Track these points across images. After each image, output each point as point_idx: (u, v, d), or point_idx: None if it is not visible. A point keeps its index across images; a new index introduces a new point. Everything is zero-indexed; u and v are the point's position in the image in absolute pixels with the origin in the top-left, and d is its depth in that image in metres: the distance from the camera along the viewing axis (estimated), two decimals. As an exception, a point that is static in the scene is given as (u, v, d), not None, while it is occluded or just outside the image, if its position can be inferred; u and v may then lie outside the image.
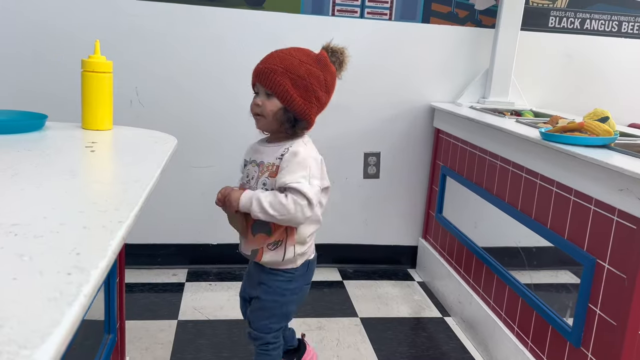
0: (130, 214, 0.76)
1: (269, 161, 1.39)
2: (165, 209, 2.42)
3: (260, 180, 1.38)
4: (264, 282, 1.46)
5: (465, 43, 2.46)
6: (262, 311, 1.47)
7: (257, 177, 1.39)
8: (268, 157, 1.39)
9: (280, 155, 1.37)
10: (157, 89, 2.30)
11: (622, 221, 1.28)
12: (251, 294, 1.51)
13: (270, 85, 1.36)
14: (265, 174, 1.38)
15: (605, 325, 1.33)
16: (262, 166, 1.39)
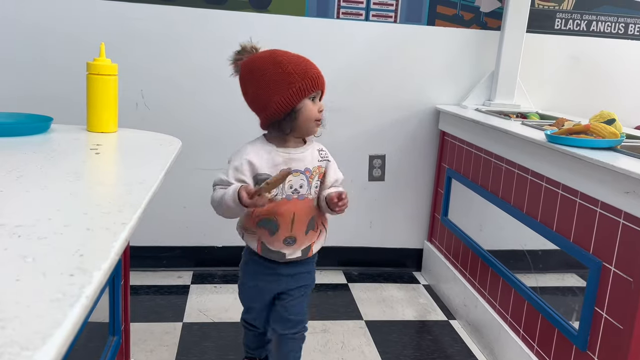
0: (133, 215, 0.77)
1: (313, 166, 1.45)
2: (170, 212, 2.42)
3: (312, 185, 1.45)
4: (309, 271, 1.56)
5: (470, 45, 2.46)
6: (306, 297, 1.57)
7: (308, 184, 1.44)
8: (310, 163, 1.45)
9: (321, 157, 1.48)
10: (163, 92, 2.31)
11: (629, 224, 1.27)
12: (289, 287, 1.53)
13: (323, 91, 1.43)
14: (315, 178, 1.45)
15: (612, 329, 1.32)
16: (309, 172, 1.44)
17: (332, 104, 2.43)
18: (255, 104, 1.42)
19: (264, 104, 1.38)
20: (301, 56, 1.42)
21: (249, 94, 1.43)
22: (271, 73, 1.36)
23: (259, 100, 1.39)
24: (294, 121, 1.39)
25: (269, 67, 1.37)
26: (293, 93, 1.35)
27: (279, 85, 1.35)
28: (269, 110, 1.38)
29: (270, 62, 1.38)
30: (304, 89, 1.36)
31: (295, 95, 1.35)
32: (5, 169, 0.97)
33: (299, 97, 1.36)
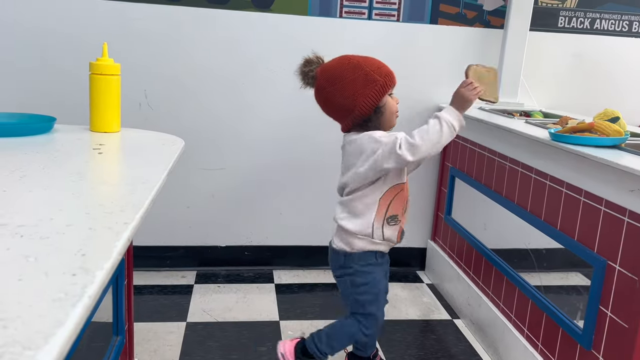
0: (136, 215, 0.77)
1: None
2: (174, 211, 2.42)
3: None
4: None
5: (473, 44, 2.45)
6: None
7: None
8: None
9: None
10: (166, 92, 2.31)
11: (633, 222, 1.26)
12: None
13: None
14: None
15: (617, 328, 1.31)
16: None
17: (335, 103, 2.43)
18: (340, 110, 1.48)
19: (350, 108, 1.45)
20: (371, 57, 1.50)
21: (332, 102, 1.48)
22: (352, 77, 1.44)
23: (345, 105, 1.45)
24: (380, 118, 1.47)
25: (348, 72, 1.44)
26: (376, 92, 1.43)
27: (362, 87, 1.43)
28: (356, 113, 1.45)
29: (348, 67, 1.45)
30: (384, 87, 1.44)
31: (378, 94, 1.44)
32: (8, 169, 0.97)
33: (381, 95, 1.44)
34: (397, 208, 1.53)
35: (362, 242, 1.52)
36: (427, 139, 1.40)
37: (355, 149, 1.47)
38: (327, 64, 1.50)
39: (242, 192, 2.46)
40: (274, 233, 2.53)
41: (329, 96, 1.47)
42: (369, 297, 1.56)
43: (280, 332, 2.01)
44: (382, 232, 1.52)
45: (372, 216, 1.50)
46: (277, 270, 2.54)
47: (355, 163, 1.47)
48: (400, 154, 1.39)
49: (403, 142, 1.40)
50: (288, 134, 2.43)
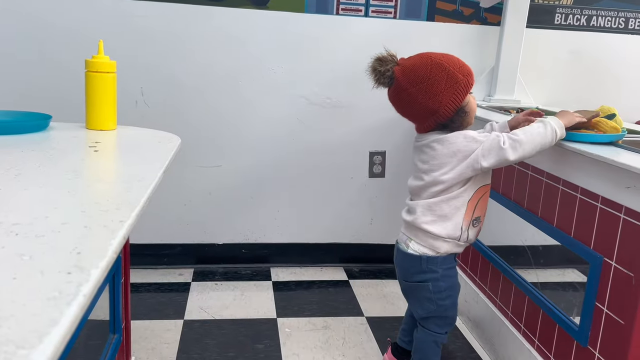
0: (131, 213, 0.76)
1: None
2: (171, 209, 2.42)
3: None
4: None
5: (470, 41, 2.45)
6: None
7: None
8: None
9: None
10: (163, 89, 2.31)
11: (630, 219, 1.26)
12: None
13: None
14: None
15: (613, 324, 1.32)
16: None
17: (331, 101, 2.43)
18: (423, 111, 1.43)
19: (435, 109, 1.41)
20: (450, 54, 1.46)
21: (414, 103, 1.43)
22: (436, 78, 1.39)
23: (429, 106, 1.41)
24: (464, 117, 1.44)
25: (432, 72, 1.40)
26: (460, 92, 1.40)
27: (446, 87, 1.39)
28: (441, 113, 1.41)
29: (432, 66, 1.40)
30: (467, 86, 1.41)
31: (462, 94, 1.41)
32: (3, 167, 0.96)
33: (465, 95, 1.41)
34: (481, 209, 1.51)
35: (448, 245, 1.48)
36: (530, 139, 1.36)
37: (447, 149, 1.42)
38: (408, 63, 1.44)
39: (239, 190, 2.46)
40: (272, 230, 2.53)
41: (412, 97, 1.42)
42: (451, 301, 1.53)
43: (278, 329, 2.01)
44: (468, 234, 1.49)
45: (461, 219, 1.46)
46: (275, 268, 2.54)
47: (448, 163, 1.41)
48: (504, 149, 1.35)
49: (506, 138, 1.37)
50: (286, 131, 2.43)
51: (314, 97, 2.42)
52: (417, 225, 1.48)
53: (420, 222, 1.47)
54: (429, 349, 1.56)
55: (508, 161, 1.37)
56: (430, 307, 1.52)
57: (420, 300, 1.53)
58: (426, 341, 1.56)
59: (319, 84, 2.41)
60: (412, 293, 1.57)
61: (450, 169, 1.42)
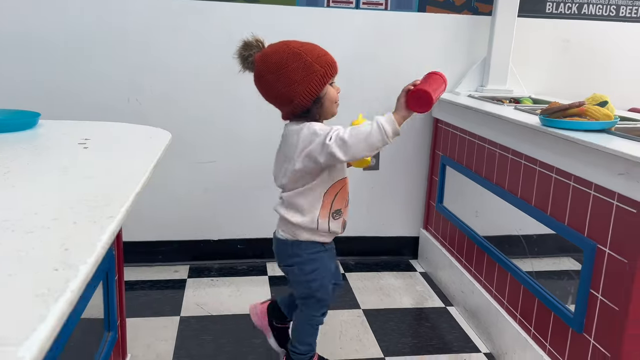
0: (121, 209, 0.76)
1: None
2: (166, 206, 2.41)
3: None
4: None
5: (462, 31, 2.44)
6: None
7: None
8: None
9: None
10: (155, 85, 2.29)
11: (623, 205, 1.27)
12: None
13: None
14: None
15: (607, 311, 1.32)
16: None
17: (325, 94, 2.42)
18: (279, 98, 1.44)
19: (290, 98, 1.41)
20: (312, 43, 1.47)
21: (271, 90, 1.45)
22: (292, 67, 1.39)
23: (284, 95, 1.41)
24: (320, 107, 1.44)
25: (288, 60, 1.39)
26: (317, 82, 1.40)
27: (302, 77, 1.39)
28: (296, 103, 1.41)
29: (288, 55, 1.40)
30: (324, 77, 1.41)
31: (319, 84, 1.40)
32: (-8, 165, 0.95)
33: (322, 85, 1.41)
34: (340, 203, 1.53)
35: (308, 234, 1.52)
36: (354, 140, 1.33)
37: (294, 140, 1.43)
38: (267, 50, 1.44)
39: (234, 186, 2.45)
40: (267, 226, 2.51)
41: (268, 84, 1.43)
42: (319, 283, 1.57)
43: (275, 323, 2.01)
44: (328, 226, 1.52)
45: (317, 212, 1.49)
46: (271, 263, 2.53)
47: (295, 155, 1.42)
48: (328, 145, 1.34)
49: (334, 135, 1.35)
50: (281, 126, 2.41)
51: (306, 91, 2.40)
52: (279, 213, 1.55)
53: (282, 212, 1.53)
54: (305, 329, 1.65)
55: (339, 159, 1.35)
56: (303, 289, 1.58)
57: (295, 283, 1.61)
58: (303, 322, 1.63)
59: (311, 78, 2.40)
60: (288, 276, 1.64)
61: (296, 161, 1.43)
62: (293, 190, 1.49)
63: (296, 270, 1.56)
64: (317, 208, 1.49)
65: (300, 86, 1.39)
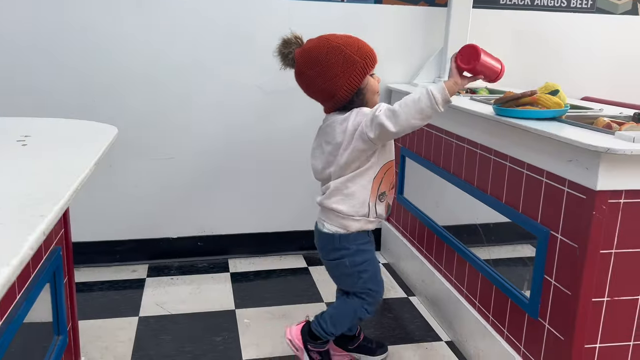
0: (54, 207, 0.72)
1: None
2: (122, 204, 2.35)
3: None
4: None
5: (419, 23, 2.45)
6: None
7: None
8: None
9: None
10: (107, 79, 2.22)
11: (572, 191, 1.29)
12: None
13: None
14: None
15: (561, 295, 1.34)
16: None
17: (285, 88, 2.40)
18: (321, 93, 1.46)
19: (332, 92, 1.43)
20: (351, 36, 1.47)
21: (313, 86, 1.46)
22: (332, 60, 1.41)
23: (326, 89, 1.43)
24: (363, 99, 1.46)
25: (328, 55, 1.41)
26: (357, 74, 1.42)
27: (342, 70, 1.41)
28: (339, 96, 1.43)
29: (328, 49, 1.42)
30: (365, 68, 1.43)
31: (360, 76, 1.42)
32: None
33: (362, 77, 1.43)
34: (387, 184, 1.53)
35: (359, 223, 1.52)
36: (404, 108, 1.36)
37: (343, 126, 1.44)
38: (306, 46, 1.46)
39: (193, 182, 2.41)
40: (228, 221, 2.49)
41: (310, 80, 1.44)
42: (370, 275, 1.57)
43: (237, 320, 1.98)
44: (376, 210, 1.52)
45: (368, 196, 1.50)
46: (233, 259, 2.50)
47: (345, 140, 1.43)
48: (378, 116, 1.36)
49: (383, 107, 1.39)
50: (240, 120, 2.39)
51: (267, 83, 2.38)
52: (327, 206, 1.52)
53: (330, 203, 1.52)
54: (346, 313, 1.61)
55: (389, 131, 1.36)
56: (354, 280, 1.57)
57: (343, 277, 1.60)
58: (348, 306, 1.60)
59: (271, 72, 2.37)
60: (333, 271, 1.63)
61: (347, 145, 1.44)
62: (341, 177, 1.48)
63: (347, 263, 1.55)
64: (368, 193, 1.49)
65: (341, 79, 1.41)
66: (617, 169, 1.19)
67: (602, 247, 1.25)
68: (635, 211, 1.23)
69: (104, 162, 2.26)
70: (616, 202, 1.22)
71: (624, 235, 1.25)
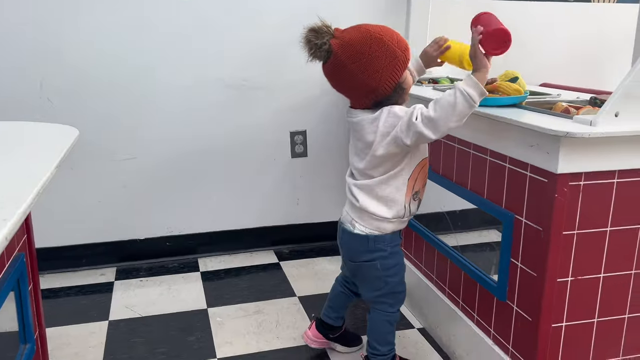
0: (17, 210, 0.70)
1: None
2: (86, 207, 2.30)
3: None
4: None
5: (380, 13, 2.46)
6: None
7: None
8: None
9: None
10: (67, 81, 2.17)
11: (535, 176, 1.32)
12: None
13: None
14: None
15: (527, 277, 1.38)
16: None
17: (247, 83, 2.38)
18: (361, 88, 1.36)
19: (375, 87, 1.34)
20: (386, 26, 1.38)
21: (353, 80, 1.35)
22: (376, 54, 1.32)
23: (368, 84, 1.34)
24: (402, 94, 1.40)
25: (372, 48, 1.32)
26: (400, 68, 1.35)
27: (386, 64, 1.33)
28: (380, 91, 1.35)
29: (372, 42, 1.32)
30: (405, 62, 1.36)
31: (401, 70, 1.35)
32: None
33: (403, 71, 1.36)
34: (420, 183, 1.48)
35: (393, 225, 1.47)
36: (441, 114, 1.28)
37: (375, 126, 1.36)
38: (347, 37, 1.34)
39: (158, 181, 2.37)
40: (197, 220, 2.46)
41: (351, 74, 1.34)
42: (399, 278, 1.53)
43: (209, 319, 1.97)
44: (410, 209, 1.47)
45: (403, 197, 1.43)
46: (203, 258, 2.48)
47: (377, 142, 1.36)
48: (416, 124, 1.29)
49: (419, 114, 1.31)
50: (203, 116, 2.36)
51: (229, 80, 2.35)
52: (361, 207, 1.45)
53: (365, 205, 1.44)
54: (384, 328, 1.56)
55: (429, 138, 1.31)
56: (380, 285, 1.50)
57: (370, 279, 1.52)
58: (380, 321, 1.56)
59: (233, 66, 2.35)
60: (360, 273, 1.55)
61: (378, 147, 1.37)
62: (375, 178, 1.42)
63: (378, 266, 1.48)
64: (403, 194, 1.43)
65: (385, 74, 1.33)
66: (576, 152, 1.22)
67: (564, 229, 1.28)
68: (594, 192, 1.27)
69: (65, 165, 2.21)
70: (577, 185, 1.26)
71: (585, 217, 1.29)
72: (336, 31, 1.38)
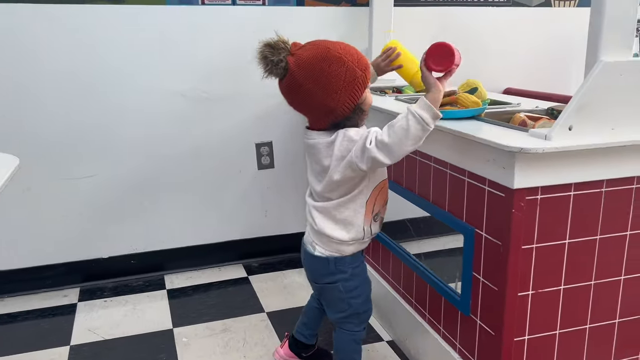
0: None
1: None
2: (45, 228, 2.24)
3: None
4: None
5: (342, 23, 2.45)
6: None
7: None
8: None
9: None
10: (8, 101, 2.09)
11: (493, 190, 1.31)
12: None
13: None
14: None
15: (489, 292, 1.37)
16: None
17: (209, 95, 2.34)
18: (320, 108, 1.31)
19: (333, 107, 1.29)
20: (346, 43, 1.33)
21: (310, 100, 1.30)
22: (335, 73, 1.26)
23: (326, 104, 1.29)
24: (361, 114, 1.35)
25: (331, 66, 1.26)
26: (359, 88, 1.30)
27: (345, 84, 1.28)
28: (338, 112, 1.30)
29: (330, 60, 1.27)
30: (365, 81, 1.31)
31: (360, 91, 1.31)
32: None
33: (363, 91, 1.31)
34: (380, 204, 1.46)
35: (353, 247, 1.44)
36: (394, 139, 1.25)
37: (330, 150, 1.33)
38: (305, 54, 1.29)
39: (120, 199, 2.32)
40: (162, 236, 2.41)
41: (308, 94, 1.28)
42: (362, 299, 1.50)
43: (175, 340, 1.92)
44: (371, 231, 1.45)
45: (362, 220, 1.41)
46: (169, 275, 2.43)
47: (333, 165, 1.33)
48: (369, 149, 1.26)
49: (374, 138, 1.27)
50: (164, 131, 2.31)
51: (190, 93, 2.31)
52: (320, 230, 1.42)
53: (323, 228, 1.41)
54: (350, 347, 1.54)
55: (383, 163, 1.28)
56: (344, 307, 1.49)
57: (334, 301, 1.50)
58: (346, 341, 1.54)
59: (193, 79, 2.31)
60: (324, 294, 1.54)
61: (334, 172, 1.34)
62: (333, 201, 1.39)
63: (340, 287, 1.46)
64: (361, 217, 1.40)
65: (344, 94, 1.28)
66: (531, 167, 1.22)
67: (523, 243, 1.28)
68: (552, 206, 1.27)
69: (22, 186, 2.14)
70: (533, 199, 1.26)
71: (543, 230, 1.28)
72: (293, 47, 1.33)
